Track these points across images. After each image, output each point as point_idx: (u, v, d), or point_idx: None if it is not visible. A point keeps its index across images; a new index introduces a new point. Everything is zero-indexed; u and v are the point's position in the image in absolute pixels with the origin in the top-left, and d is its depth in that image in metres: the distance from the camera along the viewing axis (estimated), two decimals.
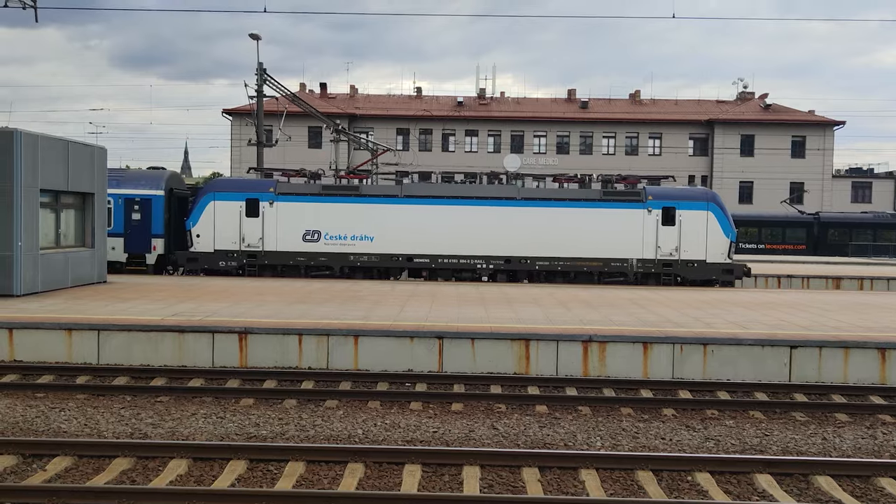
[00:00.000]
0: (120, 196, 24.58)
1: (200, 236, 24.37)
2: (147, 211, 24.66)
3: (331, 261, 24.36)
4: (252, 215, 24.34)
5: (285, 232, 24.33)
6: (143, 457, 7.91)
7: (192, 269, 24.74)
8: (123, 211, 24.61)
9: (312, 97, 54.58)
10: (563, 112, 56.34)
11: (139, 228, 24.68)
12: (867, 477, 7.80)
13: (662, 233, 23.96)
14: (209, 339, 12.53)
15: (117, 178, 24.94)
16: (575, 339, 12.40)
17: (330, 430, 9.24)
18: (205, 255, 24.36)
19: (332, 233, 24.36)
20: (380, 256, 24.32)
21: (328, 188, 24.89)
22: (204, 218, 24.37)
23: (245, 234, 24.29)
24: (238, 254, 24.37)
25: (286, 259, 24.37)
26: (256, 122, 30.91)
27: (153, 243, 24.75)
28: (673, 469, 7.87)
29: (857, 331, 13.47)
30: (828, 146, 54.18)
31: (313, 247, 24.37)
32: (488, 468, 7.80)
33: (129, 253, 24.68)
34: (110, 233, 24.08)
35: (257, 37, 30.66)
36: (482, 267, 24.25)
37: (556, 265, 24.10)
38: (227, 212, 24.32)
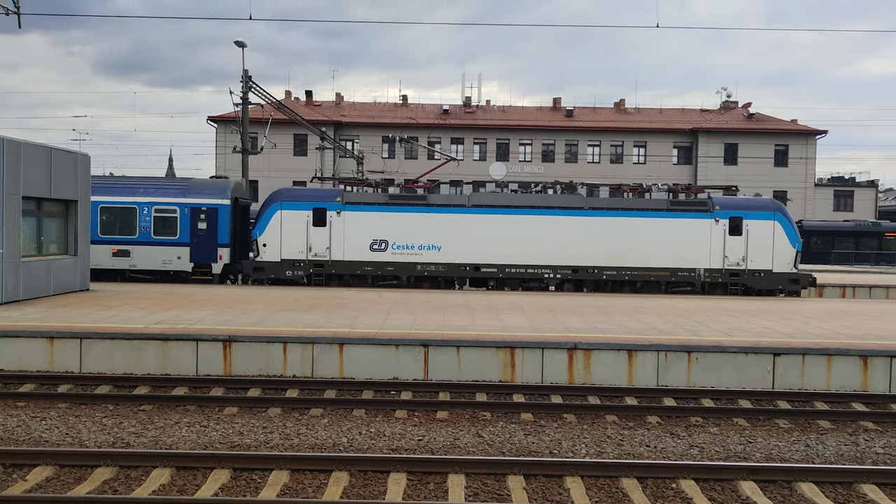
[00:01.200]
0: (186, 205, 24.60)
1: (267, 246, 24.33)
2: (213, 220, 24.61)
3: (398, 270, 24.36)
4: (319, 224, 24.30)
5: (352, 241, 24.31)
6: (125, 466, 7.83)
7: (258, 279, 24.70)
8: (189, 220, 24.59)
9: (298, 105, 54.51)
10: (548, 120, 56.56)
11: (205, 238, 24.62)
12: (849, 483, 7.84)
13: (730, 242, 24.10)
14: (193, 347, 12.46)
15: (183, 187, 25.08)
16: (560, 346, 12.42)
17: (314, 438, 9.20)
18: (271, 265, 24.34)
19: (399, 242, 24.34)
20: (447, 266, 24.34)
21: (395, 197, 24.89)
22: (271, 227, 24.33)
23: (312, 243, 24.25)
24: (305, 263, 24.32)
25: (353, 268, 24.35)
26: (241, 129, 30.83)
27: (219, 253, 24.71)
28: (657, 476, 7.88)
29: (839, 338, 13.57)
30: (810, 155, 54.69)
31: (380, 256, 24.37)
32: (473, 476, 7.78)
33: (196, 262, 24.65)
34: (176, 242, 24.38)
35: (242, 44, 30.63)
36: (549, 277, 24.33)
37: (624, 275, 24.20)
38: (294, 221, 24.26)
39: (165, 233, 24.56)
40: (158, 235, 24.56)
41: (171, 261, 24.52)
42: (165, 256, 24.54)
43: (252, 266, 24.51)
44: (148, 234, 24.57)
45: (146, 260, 24.56)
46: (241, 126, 30.84)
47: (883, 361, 12.31)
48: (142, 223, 24.56)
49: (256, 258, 24.41)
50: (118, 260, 24.50)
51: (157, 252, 24.56)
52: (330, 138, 45.63)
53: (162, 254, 24.55)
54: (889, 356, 12.31)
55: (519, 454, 8.73)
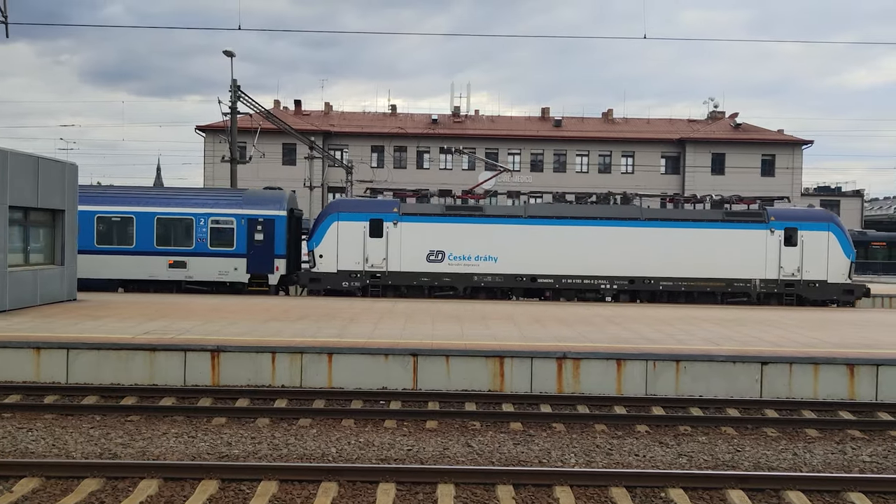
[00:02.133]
0: (243, 216, 24.63)
1: (323, 257, 24.36)
2: (270, 231, 24.61)
3: (455, 281, 24.42)
4: (376, 235, 24.36)
5: (409, 252, 24.35)
6: (112, 477, 7.78)
7: (314, 290, 24.68)
8: (246, 231, 24.58)
9: (287, 114, 54.48)
10: (536, 130, 56.76)
11: (262, 249, 24.61)
12: (837, 492, 7.88)
13: (785, 253, 24.32)
14: (181, 357, 12.40)
15: (239, 198, 25.10)
16: (549, 356, 12.43)
17: (303, 448, 9.17)
18: (328, 276, 24.37)
19: (455, 253, 24.41)
20: (504, 277, 24.39)
21: (452, 208, 25.01)
22: (327, 238, 24.37)
23: (369, 254, 24.29)
24: (361, 274, 24.36)
25: (410, 279, 24.38)
26: (230, 138, 30.78)
27: (276, 264, 24.68)
28: (646, 485, 7.89)
29: (826, 347, 13.65)
30: (796, 165, 55.08)
31: (437, 267, 24.40)
32: (463, 486, 7.78)
33: (252, 274, 24.62)
34: (233, 253, 24.36)
35: (231, 53, 30.61)
36: (606, 287, 24.41)
37: (680, 286, 24.34)
38: (351, 232, 24.32)
39: (222, 244, 24.61)
40: (215, 247, 24.59)
41: (227, 272, 24.56)
42: (222, 267, 24.55)
43: (308, 277, 24.57)
44: (204, 245, 24.56)
45: (202, 271, 24.54)
46: (230, 135, 30.78)
47: (869, 370, 12.39)
48: (198, 234, 24.57)
49: (312, 269, 24.47)
50: (174, 271, 24.49)
51: (214, 263, 24.57)
52: (319, 147, 45.62)
53: (218, 265, 24.56)
54: (875, 364, 12.40)
55: (508, 464, 8.72)
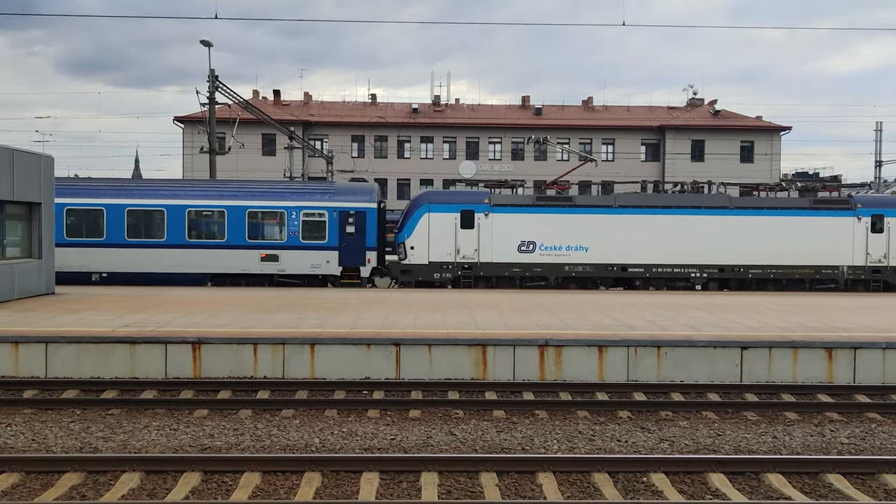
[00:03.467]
0: (335, 209, 24.60)
1: (415, 248, 24.46)
2: (362, 224, 24.58)
3: (546, 271, 24.50)
4: (467, 227, 24.40)
5: (500, 243, 24.39)
6: (93, 471, 7.73)
7: (406, 282, 24.72)
8: (338, 224, 24.53)
9: (266, 104, 54.13)
10: (517, 118, 56.77)
11: (354, 241, 24.59)
12: (816, 473, 7.98)
13: (872, 240, 24.72)
14: (162, 349, 12.31)
15: (330, 190, 25.09)
16: (531, 343, 12.47)
17: (286, 439, 9.15)
18: (419, 268, 24.46)
19: (547, 243, 24.47)
20: (594, 266, 24.52)
21: (542, 199, 25.12)
22: (418, 230, 24.46)
23: (460, 245, 24.33)
24: (453, 265, 24.44)
25: (501, 270, 24.46)
26: (208, 129, 30.55)
27: (367, 256, 24.65)
28: (628, 470, 7.95)
29: (805, 331, 13.79)
30: (775, 151, 55.48)
31: (528, 258, 24.48)
32: (446, 474, 7.79)
33: (344, 266, 24.59)
34: (325, 246, 24.35)
35: (208, 43, 30.34)
36: (696, 276, 24.63)
37: (769, 273, 24.62)
38: (442, 224, 24.38)
39: (314, 237, 24.61)
40: (307, 240, 24.56)
41: (319, 265, 24.56)
42: (314, 261, 24.56)
43: (400, 269, 24.67)
44: (296, 238, 24.53)
45: (295, 264, 24.54)
46: (208, 126, 30.55)
47: (847, 353, 12.53)
48: (290, 227, 24.56)
49: (402, 261, 24.52)
50: (267, 265, 24.50)
51: (306, 256, 24.55)
52: (299, 138, 45.39)
53: (311, 258, 24.55)
54: (853, 348, 12.54)
55: (491, 451, 8.76)
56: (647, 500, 7.28)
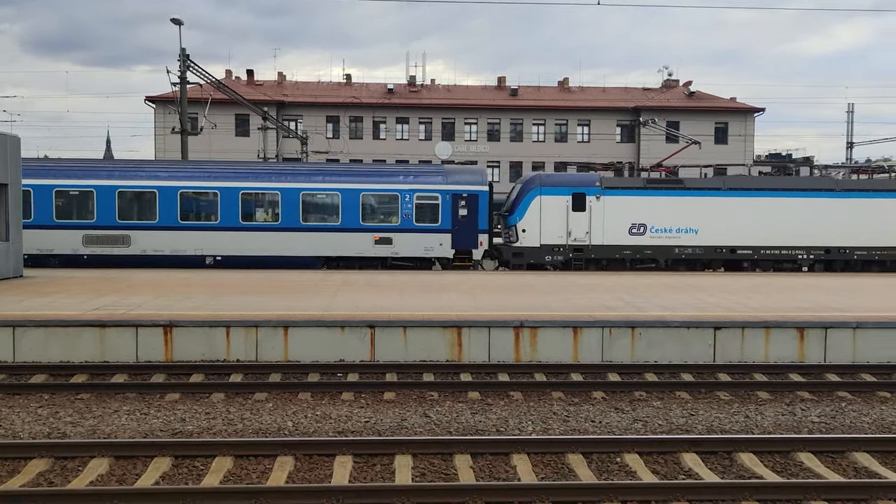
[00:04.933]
0: (448, 192, 24.64)
1: (526, 231, 24.65)
2: (474, 207, 24.67)
3: (656, 253, 24.78)
4: (578, 209, 24.57)
5: (612, 226, 24.64)
6: (61, 457, 7.60)
7: (517, 265, 24.83)
8: (451, 207, 24.53)
9: (239, 84, 53.44)
10: (493, 99, 56.58)
11: (467, 224, 24.67)
12: (787, 452, 8.05)
13: None
14: (132, 333, 12.13)
15: (442, 173, 25.17)
16: (506, 325, 12.46)
17: (259, 423, 9.06)
18: (531, 250, 24.64)
19: (657, 226, 24.77)
20: (704, 249, 24.85)
21: (653, 182, 25.33)
22: (530, 213, 24.62)
23: (572, 228, 24.53)
24: (564, 248, 24.65)
25: (612, 253, 24.72)
26: (180, 109, 30.10)
27: (480, 239, 24.73)
28: (602, 451, 7.96)
29: (777, 311, 13.91)
30: (749, 132, 55.81)
31: (639, 240, 24.77)
32: (420, 456, 7.76)
33: (457, 249, 24.65)
34: (438, 229, 24.53)
35: (179, 21, 29.83)
36: (803, 258, 25.03)
37: (874, 254, 24.98)
38: (554, 206, 24.54)
39: (427, 220, 24.67)
40: (420, 222, 24.66)
41: (433, 247, 24.67)
42: (427, 243, 24.67)
43: (511, 251, 24.83)
44: (410, 221, 24.66)
45: (408, 247, 24.64)
46: (180, 106, 30.11)
47: (818, 333, 12.66)
48: (404, 210, 24.64)
49: (513, 244, 24.69)
50: (381, 248, 24.57)
51: (420, 239, 24.65)
52: (272, 118, 44.90)
53: (424, 241, 24.67)
54: (824, 328, 12.67)
55: (466, 433, 8.74)
56: (621, 480, 7.30)
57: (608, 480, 7.26)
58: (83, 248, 23.99)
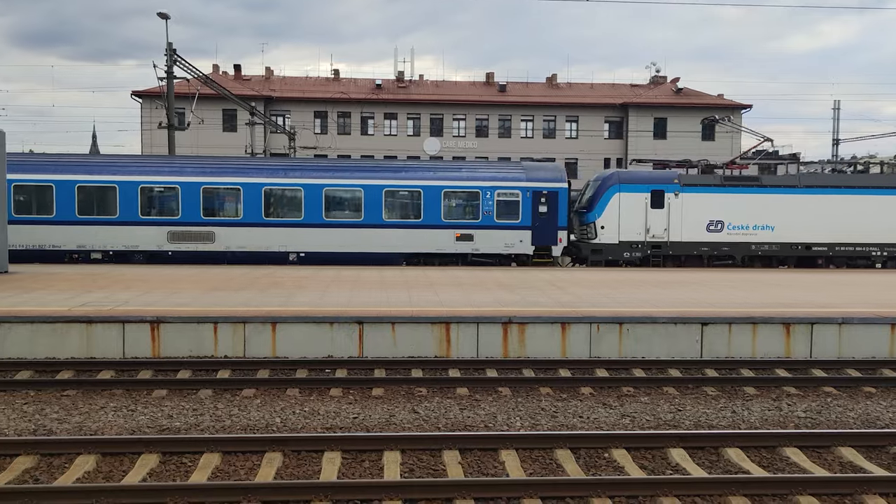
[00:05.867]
0: (528, 189, 24.78)
1: (605, 228, 24.98)
2: (554, 203, 24.82)
3: (733, 250, 25.15)
4: (657, 206, 24.94)
5: (690, 222, 25.01)
6: (47, 454, 7.55)
7: (595, 261, 25.13)
8: (531, 204, 24.65)
9: (226, 79, 53.18)
10: (481, 95, 56.56)
11: (546, 221, 24.77)
12: (773, 447, 8.10)
13: None
14: (119, 329, 12.07)
15: (521, 170, 25.34)
16: (495, 320, 12.46)
17: (247, 419, 9.04)
18: (609, 247, 24.95)
19: (734, 222, 25.12)
20: (780, 245, 25.24)
21: (730, 179, 25.69)
22: (609, 209, 24.93)
23: (650, 224, 24.86)
24: (642, 245, 24.97)
25: (690, 249, 25.08)
26: (167, 104, 29.92)
27: (559, 235, 24.85)
28: (590, 446, 7.99)
29: (764, 307, 13.98)
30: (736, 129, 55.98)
31: (716, 237, 25.13)
32: (409, 452, 7.76)
33: (536, 246, 24.76)
34: (518, 226, 24.71)
35: (166, 16, 29.63)
36: (876, 254, 25.33)
37: None
38: (632, 203, 24.90)
39: (507, 217, 24.79)
40: (501, 219, 24.74)
41: (513, 244, 24.79)
42: (508, 240, 24.79)
43: (590, 248, 25.14)
44: (491, 218, 24.77)
45: (489, 244, 24.79)
46: (167, 101, 29.93)
47: (804, 328, 12.74)
48: (485, 207, 24.76)
49: (592, 240, 24.98)
50: (462, 244, 24.73)
51: (500, 236, 24.78)
52: (260, 113, 44.71)
53: (504, 237, 24.79)
54: (810, 323, 12.75)
55: (454, 429, 8.74)
56: (609, 475, 7.33)
57: (596, 476, 7.29)
58: (168, 244, 24.13)
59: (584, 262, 25.87)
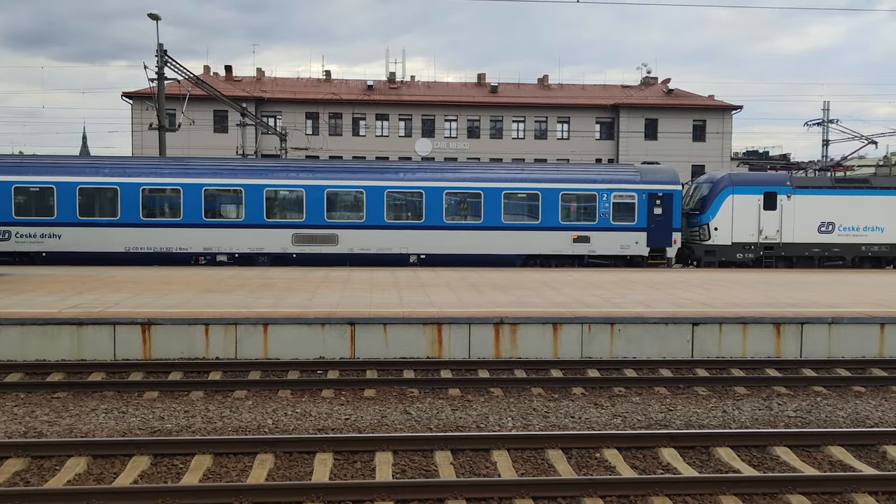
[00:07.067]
0: (643, 191, 25.06)
1: (718, 229, 25.34)
2: (668, 205, 25.12)
3: (843, 251, 25.58)
4: (770, 208, 25.32)
5: (801, 224, 25.40)
6: (37, 456, 7.53)
7: (709, 262, 25.45)
8: (646, 206, 24.94)
9: (217, 80, 53.04)
10: (473, 96, 56.55)
11: (661, 223, 25.08)
12: (764, 447, 8.14)
13: None
14: (110, 331, 12.02)
15: (636, 173, 25.62)
16: (487, 321, 12.48)
17: (238, 421, 9.03)
18: (722, 248, 25.32)
19: (845, 224, 25.53)
20: (889, 246, 25.68)
21: (840, 181, 26.21)
22: (722, 211, 25.30)
23: (763, 226, 25.26)
24: (755, 246, 25.32)
25: (802, 250, 25.49)
26: (157, 105, 29.83)
27: (674, 237, 25.14)
28: (582, 446, 8.02)
29: (754, 307, 14.04)
30: (726, 130, 56.24)
31: (827, 238, 25.55)
32: (401, 453, 7.76)
33: (651, 247, 24.99)
34: (634, 227, 25.03)
35: (157, 17, 29.53)
36: None
37: None
38: (745, 205, 25.33)
39: (623, 218, 25.03)
40: (617, 221, 24.98)
41: (628, 246, 25.02)
42: (624, 241, 25.03)
43: (703, 249, 25.45)
44: (607, 220, 25.02)
45: (605, 245, 25.01)
46: (158, 102, 29.83)
47: (794, 328, 12.80)
48: (601, 209, 25.00)
49: (704, 242, 25.32)
50: (578, 246, 24.94)
51: (616, 237, 25.04)
52: (251, 115, 44.62)
53: (620, 239, 25.04)
54: (800, 323, 12.81)
55: (446, 430, 8.75)
56: (601, 475, 7.35)
57: (588, 476, 7.31)
58: (292, 246, 24.19)
59: (697, 263, 26.28)
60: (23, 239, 23.36)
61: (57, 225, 23.41)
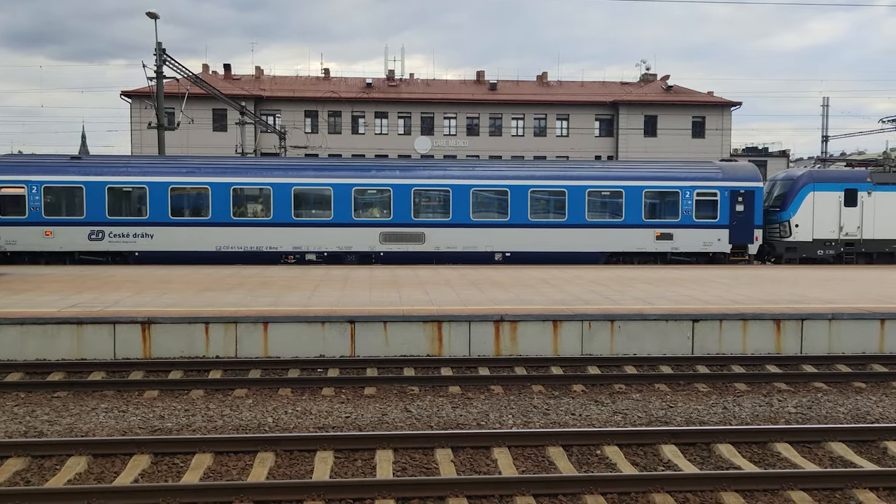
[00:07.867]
0: (726, 189, 25.25)
1: (799, 226, 25.50)
2: (750, 203, 25.27)
3: None
4: (850, 205, 25.53)
5: (883, 220, 25.64)
6: (38, 456, 7.52)
7: (790, 259, 25.67)
8: (729, 203, 25.11)
9: (216, 78, 52.98)
10: (472, 94, 56.50)
11: (743, 220, 25.27)
12: (764, 443, 8.14)
13: None
14: (110, 330, 12.01)
15: (717, 170, 25.81)
16: (487, 319, 12.46)
17: (239, 419, 9.02)
18: (803, 245, 25.52)
19: None
20: None
21: None
22: (803, 208, 25.47)
23: (844, 222, 25.45)
24: (836, 242, 25.51)
25: (882, 247, 25.70)
26: (156, 104, 29.80)
27: (755, 234, 25.33)
28: (582, 444, 8.01)
29: (754, 303, 14.03)
30: (726, 126, 56.21)
31: None
32: (402, 451, 7.76)
33: (733, 244, 25.19)
34: (716, 224, 25.19)
35: (155, 15, 29.50)
36: None
37: None
38: (826, 202, 25.50)
39: (706, 216, 25.18)
40: (699, 218, 25.15)
41: (711, 243, 25.22)
42: (706, 238, 25.21)
43: (784, 246, 25.63)
44: (689, 217, 25.19)
45: (687, 242, 25.19)
46: (156, 101, 29.81)
47: (794, 325, 12.79)
48: (684, 207, 25.16)
49: (785, 239, 25.52)
50: (661, 243, 25.12)
51: (698, 234, 25.22)
52: (250, 113, 44.59)
53: (703, 236, 25.22)
54: (800, 319, 12.81)
55: (447, 427, 8.75)
56: (601, 472, 7.34)
57: (588, 473, 7.31)
58: (380, 245, 24.33)
59: (777, 259, 26.36)
60: (116, 239, 23.56)
61: (149, 224, 23.61)
